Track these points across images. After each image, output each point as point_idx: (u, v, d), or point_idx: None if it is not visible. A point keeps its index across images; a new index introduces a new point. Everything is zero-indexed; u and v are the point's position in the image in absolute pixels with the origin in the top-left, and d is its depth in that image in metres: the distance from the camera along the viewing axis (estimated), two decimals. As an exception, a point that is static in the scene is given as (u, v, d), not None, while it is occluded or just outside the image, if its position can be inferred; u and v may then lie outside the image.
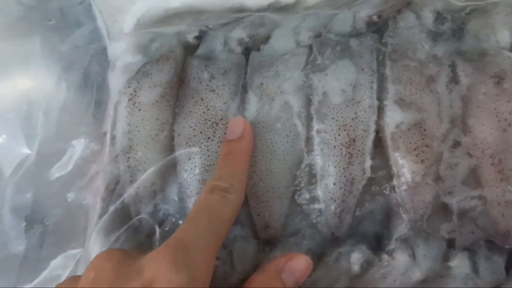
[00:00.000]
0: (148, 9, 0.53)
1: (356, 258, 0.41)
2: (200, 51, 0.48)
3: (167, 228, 0.43)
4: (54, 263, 0.46)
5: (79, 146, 0.49)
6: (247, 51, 0.48)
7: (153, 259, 0.31)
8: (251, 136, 0.41)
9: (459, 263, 0.40)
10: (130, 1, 0.53)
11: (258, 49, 0.48)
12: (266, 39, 0.49)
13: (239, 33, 0.49)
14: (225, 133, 0.43)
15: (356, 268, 0.41)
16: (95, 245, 0.44)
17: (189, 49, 0.49)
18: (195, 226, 0.34)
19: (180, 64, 0.47)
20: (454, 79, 0.43)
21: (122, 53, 0.50)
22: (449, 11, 0.47)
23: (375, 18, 0.47)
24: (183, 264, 0.30)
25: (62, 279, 0.45)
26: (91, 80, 0.52)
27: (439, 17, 0.46)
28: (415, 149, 0.41)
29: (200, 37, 0.49)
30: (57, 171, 0.49)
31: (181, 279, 0.29)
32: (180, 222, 0.43)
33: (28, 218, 0.49)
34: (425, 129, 0.41)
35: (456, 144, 0.41)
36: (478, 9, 0.47)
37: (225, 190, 0.37)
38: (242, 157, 0.39)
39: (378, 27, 0.47)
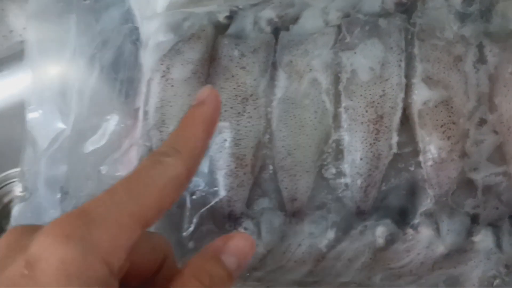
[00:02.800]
0: (180, -10, 0.54)
1: (381, 231, 0.42)
2: (231, 30, 0.49)
3: (197, 199, 0.45)
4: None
5: (112, 121, 0.51)
6: (276, 31, 0.49)
7: (44, 232, 0.25)
8: (214, 102, 0.34)
9: (483, 238, 0.41)
10: (162, -19, 0.54)
11: (288, 29, 0.49)
12: (295, 19, 0.49)
13: (268, 13, 0.50)
14: (254, 109, 0.45)
15: (380, 241, 0.42)
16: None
17: (220, 29, 0.50)
18: (109, 195, 0.27)
19: (211, 42, 0.49)
20: (481, 59, 0.44)
21: (154, 32, 0.51)
22: (477, -8, 0.47)
23: (403, -2, 0.48)
24: (80, 237, 0.24)
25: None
26: (123, 59, 0.53)
27: (467, -2, 0.47)
28: (441, 126, 0.41)
29: (230, 17, 0.50)
30: (91, 145, 0.51)
31: (72, 256, 0.23)
32: (210, 193, 0.45)
33: (62, 189, 0.51)
34: (451, 107, 0.42)
35: (482, 121, 0.42)
36: (507, -10, 0.47)
37: (162, 154, 0.30)
38: (196, 122, 0.33)
39: (406, 7, 0.48)
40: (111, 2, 0.56)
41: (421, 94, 0.43)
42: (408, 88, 0.43)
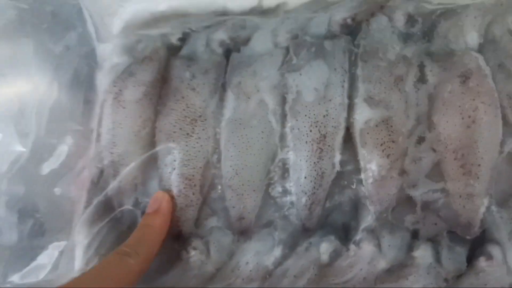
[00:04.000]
0: (136, 12, 0.55)
1: (325, 248, 0.43)
2: (183, 52, 0.51)
3: (147, 219, 0.45)
4: (42, 253, 0.48)
5: (68, 143, 0.52)
6: (228, 52, 0.50)
7: None
8: (167, 211, 0.43)
9: (423, 253, 0.42)
10: (118, 5, 0.55)
11: (239, 50, 0.50)
12: (247, 41, 0.51)
13: (221, 35, 0.51)
14: (203, 130, 0.46)
15: (325, 257, 0.43)
16: (79, 236, 0.46)
17: (173, 50, 0.52)
18: (79, 283, 0.35)
19: (164, 64, 0.50)
20: (422, 79, 0.46)
21: (110, 54, 0.52)
22: (420, 14, 0.49)
23: (349, 20, 0.49)
24: None
25: (47, 270, 0.47)
26: (80, 80, 0.54)
27: (411, 19, 0.48)
28: (381, 144, 0.43)
29: (183, 39, 0.52)
30: (48, 167, 0.51)
31: None
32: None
33: (20, 211, 0.51)
34: (391, 126, 0.43)
35: (421, 139, 0.43)
36: (448, 12, 0.49)
37: (127, 254, 0.38)
38: (154, 230, 0.42)
39: (352, 29, 0.49)
40: (69, 25, 0.57)
41: (362, 114, 0.44)
42: (350, 108, 0.45)
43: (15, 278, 0.48)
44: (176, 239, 0.45)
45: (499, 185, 0.42)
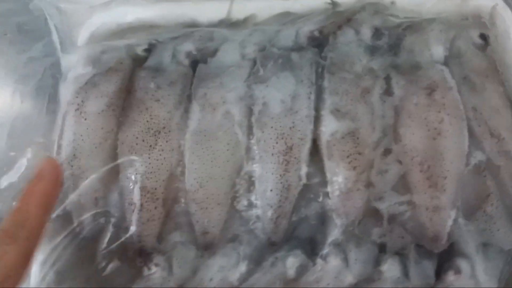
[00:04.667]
0: (102, 24, 0.54)
1: (291, 262, 0.42)
2: (149, 62, 0.50)
3: (108, 234, 0.44)
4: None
5: (28, 156, 0.50)
6: (194, 64, 0.50)
7: None
8: (53, 176, 0.37)
9: (390, 267, 0.41)
10: (84, 16, 0.54)
11: (206, 62, 0.49)
12: (214, 52, 0.50)
13: (188, 46, 0.50)
14: (166, 142, 0.45)
15: (291, 272, 0.42)
16: (36, 251, 0.44)
17: (139, 61, 0.51)
18: None
19: (128, 75, 0.49)
20: (388, 91, 0.45)
21: (74, 65, 0.51)
22: (386, 27, 0.49)
23: (316, 33, 0.49)
24: None
25: None
26: (43, 92, 0.53)
27: (377, 32, 0.49)
28: (348, 156, 0.42)
29: (149, 50, 0.51)
30: (6, 180, 0.50)
31: None
32: (121, 229, 0.44)
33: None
34: (358, 138, 0.43)
35: (387, 151, 0.43)
36: (414, 25, 0.49)
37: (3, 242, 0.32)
38: (35, 199, 0.35)
39: (319, 42, 0.49)
40: (34, 36, 0.56)
41: (329, 126, 0.43)
42: (317, 120, 0.44)
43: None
44: (138, 255, 0.43)
45: (466, 198, 0.42)
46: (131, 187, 0.44)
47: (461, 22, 0.50)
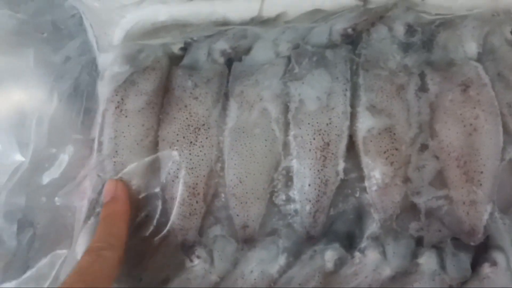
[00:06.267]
0: (137, 23, 0.55)
1: (330, 255, 0.43)
2: (185, 61, 0.51)
3: (151, 228, 0.45)
4: (42, 263, 0.48)
5: (69, 152, 0.51)
6: (229, 62, 0.51)
7: None
8: (124, 194, 0.44)
9: (427, 260, 0.42)
10: (119, 15, 0.55)
11: (240, 60, 0.50)
12: (248, 50, 0.51)
13: (222, 44, 0.51)
14: (206, 138, 0.46)
15: (329, 265, 0.43)
16: (80, 246, 0.46)
17: (175, 60, 0.52)
18: None
19: (166, 73, 0.50)
20: (423, 87, 0.46)
21: (111, 64, 0.52)
22: (419, 24, 0.50)
23: (349, 30, 0.50)
24: None
25: (50, 279, 0.46)
26: (81, 90, 0.54)
27: (410, 29, 0.49)
28: (385, 152, 0.43)
29: (185, 48, 0.52)
30: (48, 177, 0.51)
31: None
32: (163, 223, 0.45)
33: (20, 221, 0.51)
34: (394, 134, 0.44)
35: (424, 147, 0.44)
36: (447, 22, 0.50)
37: (101, 249, 0.39)
38: (118, 217, 0.43)
39: (352, 39, 0.50)
40: (69, 35, 0.57)
41: (365, 122, 0.44)
42: (353, 117, 0.45)
43: (11, 285, 0.47)
44: (180, 247, 0.44)
45: (501, 192, 0.43)
46: (173, 182, 0.45)
47: (493, 18, 0.50)
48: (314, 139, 0.45)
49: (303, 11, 0.54)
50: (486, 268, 0.42)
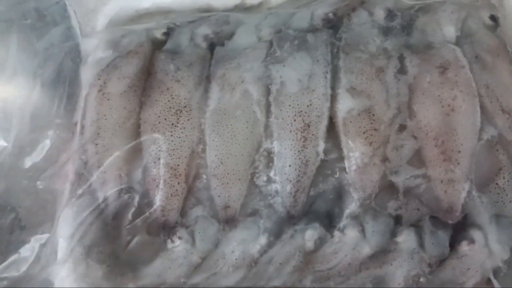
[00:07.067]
0: (120, 9, 0.56)
1: (310, 235, 0.43)
2: (168, 45, 0.51)
3: (132, 209, 0.45)
4: (23, 247, 0.47)
5: (51, 137, 0.51)
6: (212, 46, 0.51)
7: None
8: None
9: (406, 238, 0.43)
10: (102, 2, 0.56)
11: (223, 44, 0.51)
12: (230, 35, 0.52)
13: (204, 29, 0.52)
14: (188, 120, 0.46)
15: (310, 244, 0.43)
16: (62, 228, 0.46)
17: (158, 44, 0.52)
18: None
19: (148, 57, 0.50)
20: (402, 70, 0.47)
21: (94, 49, 0.52)
22: (399, 9, 0.51)
23: (330, 15, 0.51)
24: None
25: (29, 262, 0.46)
26: (63, 76, 0.54)
27: (390, 14, 0.50)
28: (364, 133, 0.44)
29: (167, 33, 0.52)
30: (30, 160, 0.51)
31: None
32: (144, 204, 0.45)
33: (1, 205, 0.50)
34: (373, 115, 0.44)
35: (402, 127, 0.44)
36: (425, 7, 0.51)
37: None
38: None
39: (333, 23, 0.51)
40: (53, 21, 0.57)
41: (345, 104, 0.45)
42: (333, 98, 0.46)
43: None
44: (162, 228, 0.44)
45: (479, 171, 0.43)
46: (154, 163, 0.45)
47: (471, 4, 0.51)
48: (294, 120, 0.45)
49: (285, -2, 0.55)
50: (464, 246, 0.42)
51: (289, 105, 0.45)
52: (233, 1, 0.56)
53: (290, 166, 0.44)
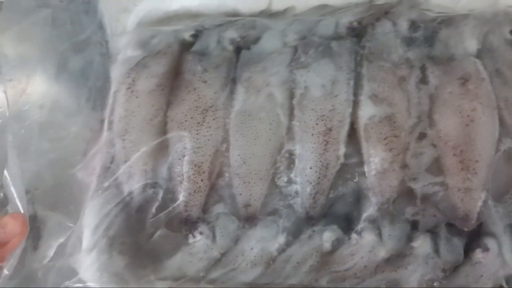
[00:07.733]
0: (150, 10, 0.57)
1: (328, 236, 0.45)
2: (196, 47, 0.53)
3: (156, 204, 0.47)
4: (50, 235, 0.49)
5: (79, 128, 0.53)
6: (238, 50, 0.53)
7: None
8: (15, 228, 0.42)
9: (421, 244, 0.44)
10: (134, 2, 0.58)
11: (249, 48, 0.52)
12: (256, 40, 0.53)
13: (231, 33, 0.53)
14: (213, 119, 0.48)
15: (327, 245, 0.44)
16: (87, 218, 0.47)
17: (186, 46, 0.54)
18: None
19: (176, 58, 0.52)
20: (423, 80, 0.48)
21: (124, 48, 0.54)
22: (422, 20, 0.52)
23: (355, 24, 0.52)
24: None
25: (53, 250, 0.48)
26: (92, 68, 0.56)
27: (413, 25, 0.51)
28: (384, 139, 0.45)
29: (196, 36, 0.54)
30: (57, 151, 0.52)
31: None
32: (168, 199, 0.47)
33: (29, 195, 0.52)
34: (394, 122, 0.45)
35: (422, 136, 0.46)
36: (448, 20, 0.52)
37: None
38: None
39: (357, 32, 0.52)
40: (84, 10, 0.58)
41: (367, 110, 0.46)
42: (355, 104, 0.47)
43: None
44: (184, 223, 0.46)
45: (495, 182, 0.44)
46: (179, 160, 0.47)
47: (493, 19, 0.52)
48: (317, 124, 0.46)
49: (311, 5, 0.56)
50: (478, 254, 0.43)
51: (312, 109, 0.47)
52: (259, 7, 0.57)
53: (311, 168, 0.46)
